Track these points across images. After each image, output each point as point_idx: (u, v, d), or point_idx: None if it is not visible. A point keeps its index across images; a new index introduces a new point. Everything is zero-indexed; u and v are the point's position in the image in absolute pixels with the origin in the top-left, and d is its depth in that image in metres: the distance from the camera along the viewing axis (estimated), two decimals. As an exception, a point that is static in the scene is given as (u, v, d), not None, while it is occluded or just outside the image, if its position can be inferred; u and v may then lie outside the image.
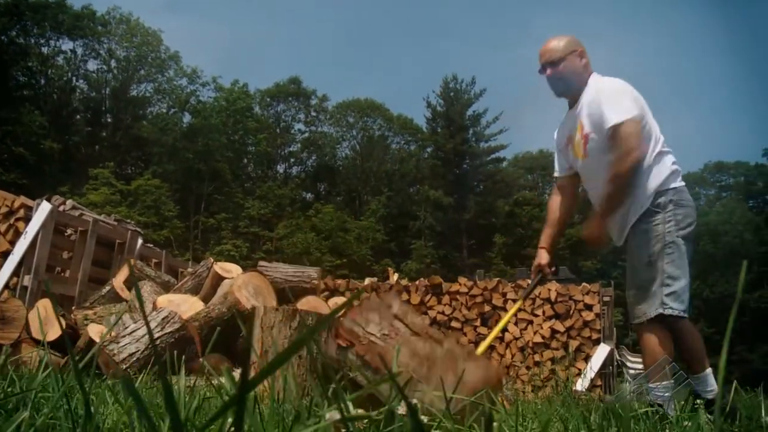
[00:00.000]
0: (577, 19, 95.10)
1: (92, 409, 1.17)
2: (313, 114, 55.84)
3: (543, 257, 4.30)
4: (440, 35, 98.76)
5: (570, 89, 3.98)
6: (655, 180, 3.74)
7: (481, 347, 4.03)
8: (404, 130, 55.28)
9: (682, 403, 2.90)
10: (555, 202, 4.37)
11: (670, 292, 3.60)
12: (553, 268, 4.34)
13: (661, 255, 3.65)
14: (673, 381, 3.57)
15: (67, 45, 46.85)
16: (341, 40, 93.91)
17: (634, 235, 3.78)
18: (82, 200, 25.38)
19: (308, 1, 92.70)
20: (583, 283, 10.71)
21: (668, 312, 3.58)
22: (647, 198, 3.74)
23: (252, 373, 3.71)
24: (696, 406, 2.74)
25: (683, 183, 3.83)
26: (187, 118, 49.83)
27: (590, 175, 4.03)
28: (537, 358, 10.36)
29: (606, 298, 11.00)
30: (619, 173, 3.64)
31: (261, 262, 6.49)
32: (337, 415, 0.94)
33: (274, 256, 37.78)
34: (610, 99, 3.72)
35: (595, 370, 9.95)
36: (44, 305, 5.97)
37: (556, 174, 4.39)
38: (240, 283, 5.62)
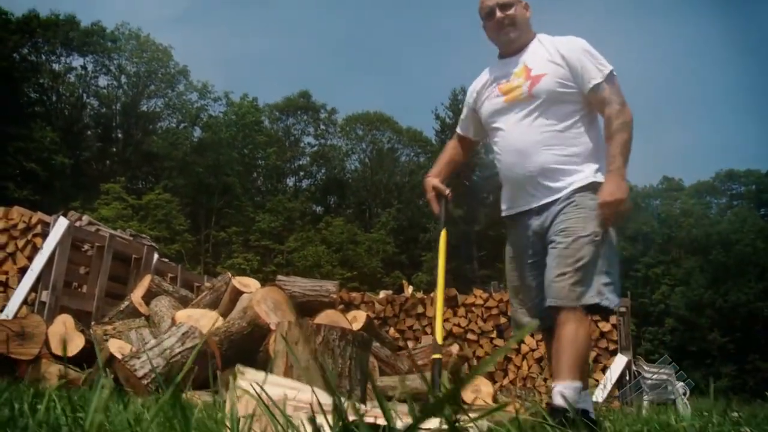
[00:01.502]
0: (588, 23, 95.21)
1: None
2: (323, 127, 55.99)
3: (432, 180, 3.99)
4: (448, 47, 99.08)
5: (519, 38, 3.51)
6: (599, 153, 3.36)
7: (438, 333, 3.58)
8: (413, 143, 55.31)
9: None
10: (452, 145, 4.10)
11: (608, 282, 3.15)
12: (448, 192, 3.98)
13: (604, 240, 3.20)
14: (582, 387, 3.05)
15: (77, 61, 47.21)
16: (349, 54, 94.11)
17: (576, 206, 3.25)
18: (93, 215, 25.44)
19: (316, 15, 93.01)
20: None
21: (605, 303, 3.11)
22: (594, 171, 3.33)
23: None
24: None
25: None
26: (197, 132, 50.09)
27: (513, 117, 3.47)
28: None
29: (622, 309, 10.95)
30: (627, 121, 3.27)
31: (279, 277, 6.48)
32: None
33: (285, 269, 37.81)
34: (590, 53, 3.37)
35: (614, 381, 9.91)
36: (63, 321, 5.98)
37: (458, 131, 4.05)
38: (259, 298, 5.61)
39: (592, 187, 3.27)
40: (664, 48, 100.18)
